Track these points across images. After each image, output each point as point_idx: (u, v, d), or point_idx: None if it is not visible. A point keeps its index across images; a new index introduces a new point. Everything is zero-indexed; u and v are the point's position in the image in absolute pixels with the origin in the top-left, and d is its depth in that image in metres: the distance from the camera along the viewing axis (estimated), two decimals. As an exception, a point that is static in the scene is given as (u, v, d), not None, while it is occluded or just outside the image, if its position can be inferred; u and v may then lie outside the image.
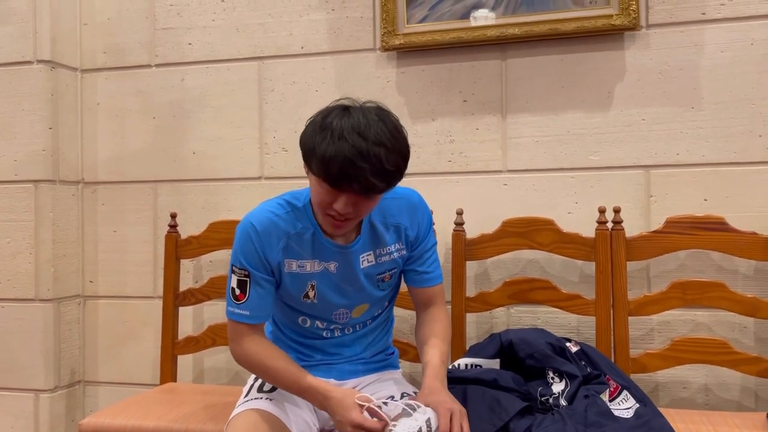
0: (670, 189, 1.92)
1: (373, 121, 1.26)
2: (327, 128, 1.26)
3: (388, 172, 1.26)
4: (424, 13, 2.05)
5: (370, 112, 1.29)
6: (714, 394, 1.90)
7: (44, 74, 2.24)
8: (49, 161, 2.25)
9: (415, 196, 1.53)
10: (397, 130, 1.30)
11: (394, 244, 1.50)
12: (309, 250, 1.44)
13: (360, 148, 1.22)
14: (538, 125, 2.01)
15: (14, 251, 2.26)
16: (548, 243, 1.89)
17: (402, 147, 1.30)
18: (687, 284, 1.79)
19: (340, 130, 1.24)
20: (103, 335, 2.37)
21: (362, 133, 1.24)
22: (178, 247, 2.14)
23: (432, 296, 1.56)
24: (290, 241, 1.42)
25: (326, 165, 1.24)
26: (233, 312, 1.43)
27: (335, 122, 1.26)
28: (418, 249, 1.52)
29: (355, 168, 1.22)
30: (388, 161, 1.25)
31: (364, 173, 1.23)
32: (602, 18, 1.91)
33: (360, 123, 1.25)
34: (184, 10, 2.28)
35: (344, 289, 1.48)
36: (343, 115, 1.27)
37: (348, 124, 1.25)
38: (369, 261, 1.48)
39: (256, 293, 1.42)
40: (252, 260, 1.41)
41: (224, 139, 2.25)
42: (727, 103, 1.88)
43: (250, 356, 1.42)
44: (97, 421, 1.74)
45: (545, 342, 1.73)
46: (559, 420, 1.54)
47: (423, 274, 1.54)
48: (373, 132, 1.25)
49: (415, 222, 1.50)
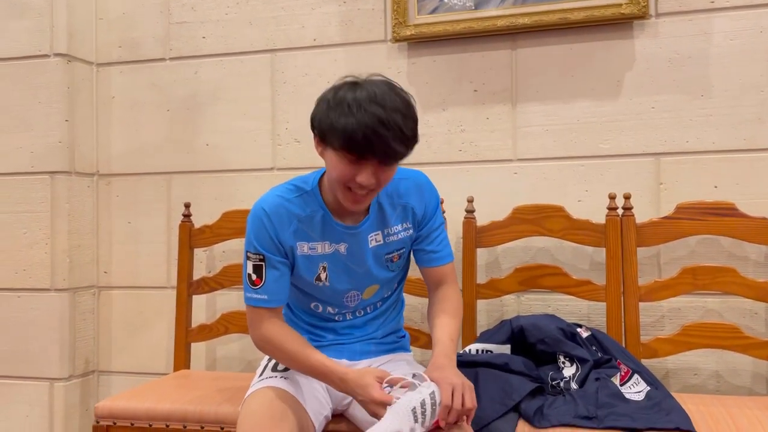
0: (680, 176, 1.93)
1: (384, 90, 1.29)
2: (342, 103, 1.28)
3: (408, 138, 1.29)
4: (434, 4, 2.07)
5: (379, 84, 1.31)
6: (725, 380, 1.90)
7: (61, 68, 2.28)
8: (65, 153, 2.28)
9: (422, 177, 1.55)
10: (407, 98, 1.33)
11: (400, 224, 1.52)
12: (319, 232, 1.46)
13: (380, 116, 1.24)
14: (548, 114, 2.02)
15: (30, 242, 2.29)
16: (559, 230, 1.90)
17: (414, 113, 1.33)
18: (698, 269, 1.80)
19: (357, 102, 1.26)
20: (117, 325, 2.39)
21: (379, 102, 1.26)
22: (192, 236, 2.16)
23: (443, 275, 1.57)
24: (301, 224, 1.45)
25: (350, 137, 1.25)
26: (251, 298, 1.45)
27: (349, 96, 1.28)
28: (426, 228, 1.54)
29: (378, 136, 1.25)
30: (407, 127, 1.28)
31: (387, 140, 1.25)
32: (611, 7, 1.93)
33: (374, 93, 1.27)
34: (198, 5, 2.32)
35: (354, 270, 1.50)
36: (355, 89, 1.29)
37: (362, 95, 1.27)
38: (377, 241, 1.50)
39: (272, 276, 1.43)
40: (266, 244, 1.43)
41: (237, 130, 2.28)
42: (737, 91, 1.89)
43: (270, 340, 1.44)
44: (112, 405, 1.77)
45: (556, 327, 1.74)
46: (570, 401, 1.55)
47: (432, 253, 1.55)
48: (389, 100, 1.27)
49: (422, 201, 1.52)
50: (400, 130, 1.27)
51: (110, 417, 1.75)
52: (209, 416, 1.68)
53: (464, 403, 1.28)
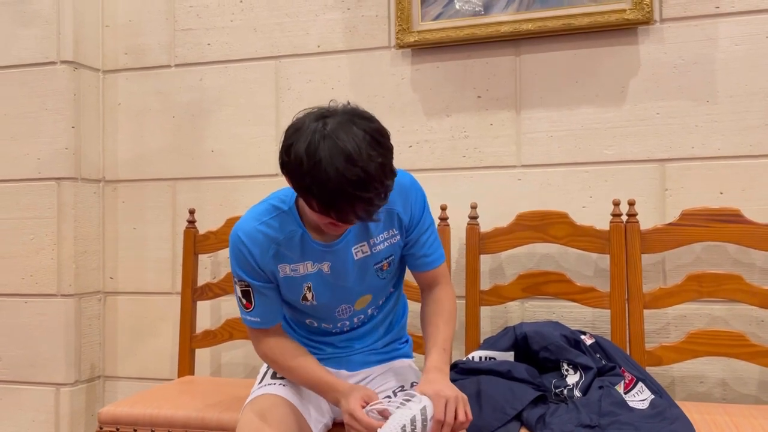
0: (686, 182, 1.92)
1: (358, 136, 1.18)
2: (316, 164, 1.16)
3: (388, 188, 1.23)
4: (438, 11, 2.07)
5: (350, 125, 1.20)
6: (731, 388, 1.88)
7: (67, 75, 2.30)
8: (72, 159, 2.30)
9: (407, 179, 1.46)
10: (380, 133, 1.22)
11: (385, 231, 1.45)
12: (299, 252, 1.41)
13: (359, 179, 1.16)
14: (552, 120, 2.02)
15: (37, 248, 2.30)
16: (562, 236, 1.89)
17: (389, 151, 1.24)
18: (703, 276, 1.79)
19: (331, 162, 1.15)
20: (122, 331, 2.40)
21: (355, 160, 1.16)
22: (197, 242, 2.17)
23: (435, 277, 1.52)
24: (279, 246, 1.40)
25: (328, 205, 1.20)
26: (246, 319, 1.46)
27: (322, 151, 1.16)
28: (414, 232, 1.48)
29: (358, 200, 1.18)
30: (386, 177, 1.21)
31: (369, 201, 1.20)
32: (616, 12, 1.92)
33: (348, 145, 1.17)
34: (203, 12, 2.33)
35: (340, 286, 1.45)
36: (326, 137, 1.17)
37: (337, 151, 1.16)
38: (363, 252, 1.44)
39: (260, 301, 1.43)
40: (248, 271, 1.40)
41: (242, 137, 2.29)
42: (742, 96, 1.88)
43: (270, 355, 1.46)
44: (115, 410, 1.77)
45: (560, 334, 1.73)
46: (573, 409, 1.54)
47: (422, 257, 1.50)
48: (365, 152, 1.17)
49: (408, 206, 1.45)
50: (382, 184, 1.20)
51: (113, 423, 1.76)
52: (211, 423, 1.68)
53: (457, 416, 1.27)
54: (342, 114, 1.22)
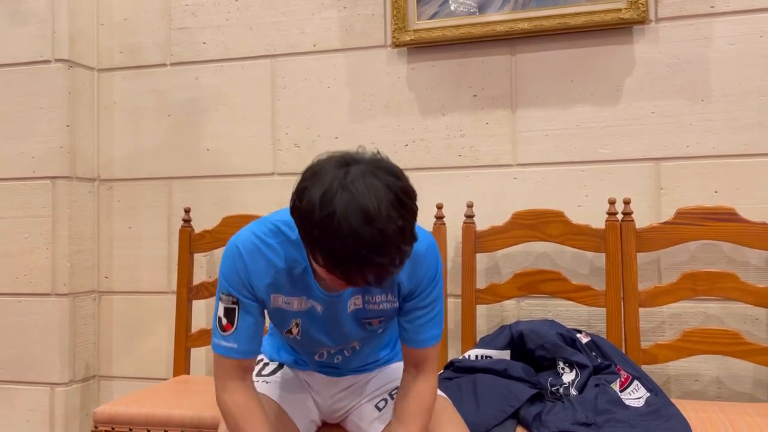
0: (681, 181, 1.92)
1: (380, 193, 1.05)
2: (329, 216, 1.04)
3: (405, 255, 1.09)
4: (434, 10, 2.07)
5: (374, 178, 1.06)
6: (726, 386, 1.89)
7: (62, 73, 2.29)
8: (66, 158, 2.29)
9: (422, 245, 1.28)
10: (405, 192, 1.09)
11: (383, 294, 1.31)
12: (298, 287, 1.29)
13: (374, 241, 1.03)
14: (547, 119, 2.02)
15: (31, 247, 2.29)
16: (558, 235, 1.89)
17: (412, 214, 1.10)
18: (698, 275, 1.79)
19: (345, 216, 1.02)
20: (117, 330, 2.39)
21: (373, 219, 1.03)
22: (192, 241, 2.17)
23: (422, 358, 1.34)
24: (278, 275, 1.27)
25: (335, 264, 1.07)
26: (219, 345, 1.28)
27: (337, 203, 1.03)
28: (411, 303, 1.31)
29: (370, 265, 1.05)
30: (405, 242, 1.07)
31: (383, 267, 1.07)
32: (611, 12, 1.93)
33: (367, 202, 1.03)
34: (199, 10, 2.32)
35: (329, 329, 1.35)
36: (344, 188, 1.04)
37: (354, 205, 1.03)
38: (356, 304, 1.32)
39: (244, 323, 1.27)
40: (239, 288, 1.27)
41: (237, 136, 2.28)
42: (737, 95, 1.89)
43: (230, 412, 1.28)
44: (111, 410, 1.77)
45: (555, 333, 1.74)
46: (569, 407, 1.55)
47: (413, 333, 1.32)
48: (385, 212, 1.04)
49: (414, 276, 1.29)
50: (399, 250, 1.07)
51: (109, 422, 1.75)
52: (206, 422, 1.68)
53: None
54: (367, 164, 1.09)
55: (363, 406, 1.47)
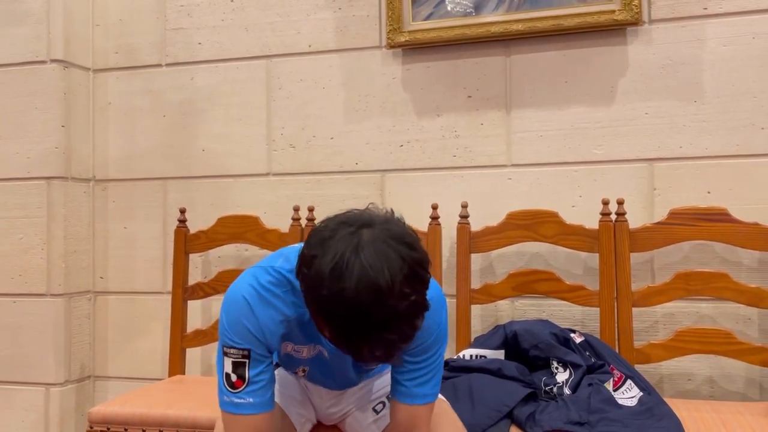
0: (674, 182, 1.94)
1: (393, 266, 0.99)
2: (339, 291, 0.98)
3: (417, 328, 1.03)
4: (429, 11, 2.08)
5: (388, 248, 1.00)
6: (719, 385, 1.90)
7: (57, 74, 2.29)
8: (62, 159, 2.29)
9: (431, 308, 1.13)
10: (420, 264, 1.02)
11: None
12: (307, 334, 1.24)
13: (385, 319, 0.98)
14: (542, 120, 2.03)
15: (26, 247, 2.29)
16: (552, 235, 1.90)
17: (425, 287, 1.03)
18: (691, 275, 1.80)
19: (357, 293, 0.97)
20: (113, 330, 2.40)
21: (386, 296, 0.97)
22: (187, 241, 2.17)
23: (411, 418, 1.24)
24: (291, 325, 1.21)
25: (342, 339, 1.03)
26: (231, 402, 1.17)
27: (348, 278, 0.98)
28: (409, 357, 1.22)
29: (379, 342, 1.00)
30: (417, 316, 1.02)
31: (393, 343, 1.01)
32: (605, 13, 1.93)
33: (380, 278, 0.97)
34: (194, 11, 2.33)
35: (334, 373, 1.33)
36: (357, 258, 0.99)
37: (366, 281, 0.97)
38: None
39: (257, 376, 1.17)
40: (251, 340, 1.17)
41: (233, 136, 2.29)
42: (730, 97, 1.90)
43: None
44: (106, 410, 1.77)
45: (549, 332, 1.75)
46: (562, 406, 1.56)
47: (404, 385, 1.23)
48: (398, 288, 0.98)
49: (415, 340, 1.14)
50: (410, 325, 1.01)
51: (104, 422, 1.76)
52: (202, 422, 1.68)
53: None
54: (380, 230, 1.03)
55: (360, 409, 1.47)
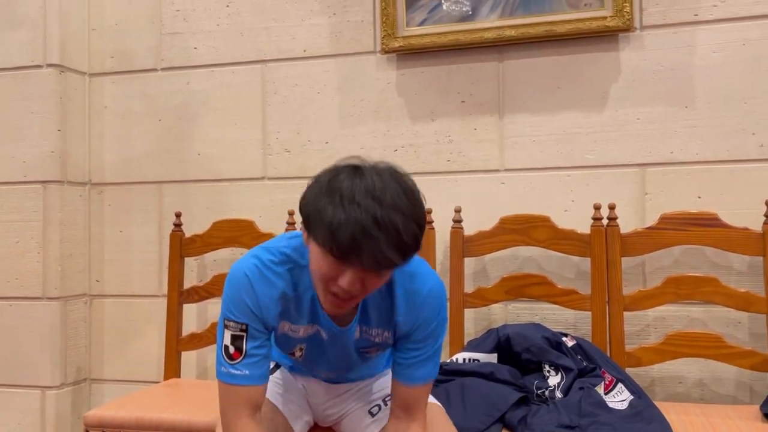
0: (665, 186, 1.95)
1: (388, 182, 1.08)
2: (335, 190, 1.07)
3: (405, 245, 1.07)
4: (423, 16, 2.10)
5: (384, 173, 1.10)
6: (709, 388, 1.92)
7: (53, 78, 2.30)
8: (58, 163, 2.30)
9: (426, 287, 1.27)
10: (414, 194, 1.11)
11: (379, 329, 1.30)
12: (305, 314, 1.28)
13: (374, 213, 1.04)
14: (534, 125, 2.05)
15: (22, 250, 2.30)
16: (544, 239, 1.92)
17: (419, 214, 1.11)
18: (681, 279, 1.82)
19: (351, 192, 1.05)
20: (108, 333, 2.41)
21: (377, 197, 1.05)
22: (183, 245, 2.18)
23: (410, 398, 1.30)
24: (287, 303, 1.26)
25: (334, 233, 1.05)
26: (228, 373, 1.22)
27: (345, 183, 1.07)
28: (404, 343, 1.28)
29: (368, 237, 1.04)
30: (406, 231, 1.06)
31: (378, 244, 1.04)
32: (597, 20, 1.95)
33: (374, 185, 1.06)
34: (190, 15, 2.34)
35: (330, 356, 1.35)
36: (354, 176, 1.09)
37: (360, 185, 1.06)
38: (356, 336, 1.32)
39: (254, 349, 1.23)
40: (249, 315, 1.23)
41: (228, 140, 2.30)
42: (720, 102, 1.92)
43: None
44: (101, 414, 1.78)
45: (541, 336, 1.77)
46: (554, 410, 1.57)
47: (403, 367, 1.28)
48: (390, 195, 1.06)
49: (411, 319, 1.26)
50: (397, 232, 1.05)
51: (99, 426, 1.77)
52: (197, 425, 1.69)
53: None
54: (381, 166, 1.13)
55: (357, 411, 1.49)
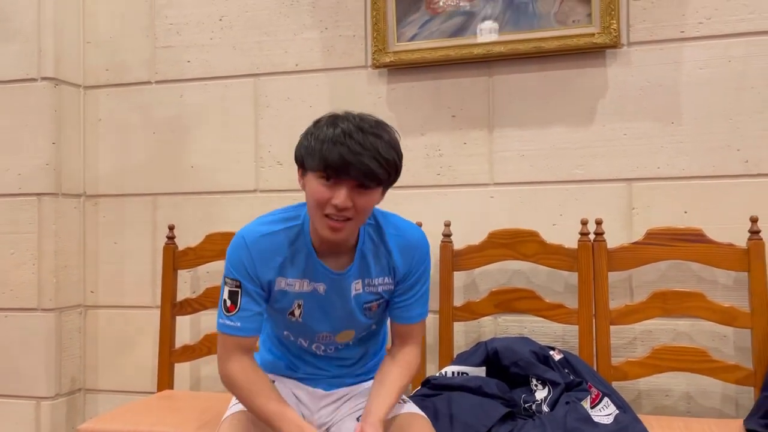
0: (652, 201, 1.98)
1: (366, 117, 1.35)
2: (320, 128, 1.33)
3: (386, 160, 1.31)
4: (413, 32, 2.12)
5: (364, 115, 1.37)
6: (696, 402, 1.94)
7: (48, 91, 2.32)
8: (52, 175, 2.32)
9: (415, 236, 1.51)
10: (390, 129, 1.37)
11: (382, 277, 1.49)
12: (301, 269, 1.44)
13: (357, 137, 1.28)
14: (523, 140, 2.07)
15: (18, 262, 2.32)
16: (532, 254, 1.94)
17: (395, 143, 1.36)
18: (667, 294, 1.84)
19: (336, 124, 1.31)
20: (103, 344, 2.43)
21: (358, 125, 1.31)
22: (176, 258, 2.20)
23: (406, 333, 1.53)
24: (284, 260, 1.43)
25: (325, 156, 1.28)
26: (224, 324, 1.42)
27: (328, 121, 1.34)
28: (402, 285, 1.50)
29: (354, 154, 1.27)
30: (385, 150, 1.31)
31: (362, 159, 1.27)
32: (584, 36, 1.98)
33: (355, 119, 1.33)
34: (184, 29, 2.36)
35: (330, 312, 1.47)
36: (336, 117, 1.35)
37: (347, 119, 1.33)
38: (357, 289, 1.47)
39: (246, 305, 1.41)
40: (243, 274, 1.41)
41: (221, 153, 2.32)
42: (706, 118, 1.94)
43: (234, 379, 1.42)
44: (94, 427, 1.80)
45: (529, 350, 1.78)
46: (539, 425, 1.59)
47: (403, 309, 1.51)
48: (368, 124, 1.32)
49: (407, 261, 1.48)
50: (377, 150, 1.29)
51: (92, 439, 1.79)
52: (188, 438, 1.71)
53: None
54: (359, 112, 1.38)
55: (344, 419, 1.53)
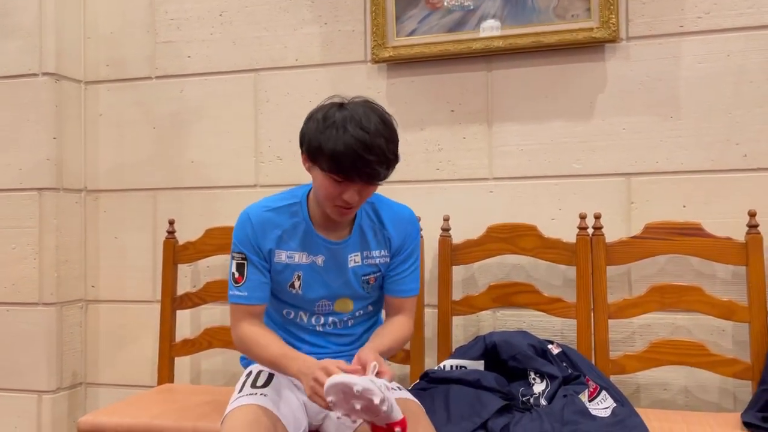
0: (651, 196, 1.98)
1: (368, 113, 1.42)
2: (330, 125, 1.40)
3: (390, 160, 1.43)
4: (413, 27, 2.12)
5: (363, 106, 1.44)
6: (694, 395, 1.94)
7: (49, 86, 2.33)
8: (53, 170, 2.33)
9: (407, 213, 1.66)
10: (387, 119, 1.46)
11: (378, 250, 1.61)
12: (299, 242, 1.57)
13: (365, 141, 1.37)
14: (522, 134, 2.07)
15: (19, 257, 2.34)
16: (531, 248, 1.95)
17: (394, 135, 1.46)
18: (665, 288, 1.85)
19: (343, 122, 1.38)
20: (104, 338, 2.44)
21: (364, 126, 1.38)
22: (176, 252, 2.21)
23: (401, 306, 1.65)
24: (284, 233, 1.56)
25: (336, 161, 1.38)
26: (234, 295, 1.56)
27: (337, 116, 1.40)
28: (396, 259, 1.63)
29: (363, 161, 1.38)
30: (388, 150, 1.42)
31: (371, 164, 1.38)
32: (583, 31, 1.98)
33: (359, 116, 1.39)
34: (184, 25, 2.37)
35: (329, 281, 1.59)
36: (341, 109, 1.42)
37: (350, 118, 1.39)
38: (356, 261, 1.59)
39: (253, 276, 1.55)
40: (248, 247, 1.55)
41: (221, 148, 2.33)
42: (705, 113, 1.94)
43: (245, 338, 1.54)
44: (94, 420, 1.81)
45: (527, 344, 1.79)
46: (536, 418, 1.60)
47: (397, 283, 1.63)
48: (373, 124, 1.40)
49: (401, 235, 1.62)
50: (383, 153, 1.40)
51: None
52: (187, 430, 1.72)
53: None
54: (359, 100, 1.47)
55: None
